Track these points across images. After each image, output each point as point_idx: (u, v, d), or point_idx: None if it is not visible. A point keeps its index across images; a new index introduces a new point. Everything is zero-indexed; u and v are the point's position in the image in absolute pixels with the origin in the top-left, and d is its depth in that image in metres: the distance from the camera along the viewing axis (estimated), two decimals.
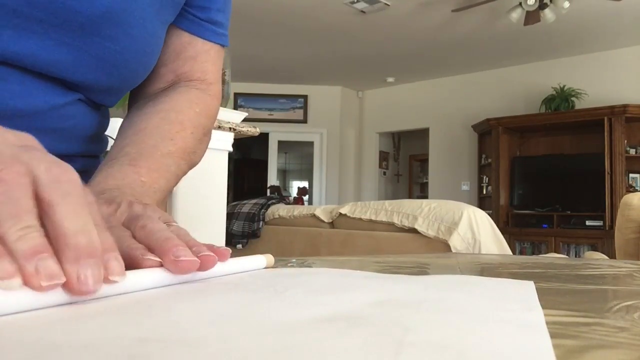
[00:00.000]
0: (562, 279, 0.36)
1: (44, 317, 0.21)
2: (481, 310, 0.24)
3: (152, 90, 0.60)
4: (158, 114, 0.55)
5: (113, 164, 0.48)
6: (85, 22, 0.44)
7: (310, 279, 0.33)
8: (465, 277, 0.38)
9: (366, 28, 5.44)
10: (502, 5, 4.64)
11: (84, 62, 0.47)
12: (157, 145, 0.52)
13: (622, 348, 0.17)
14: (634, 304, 0.25)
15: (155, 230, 0.33)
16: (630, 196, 2.32)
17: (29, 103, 0.46)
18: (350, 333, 0.19)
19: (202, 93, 0.60)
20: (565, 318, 0.22)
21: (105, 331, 0.19)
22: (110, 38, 0.47)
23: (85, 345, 0.17)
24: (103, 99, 0.55)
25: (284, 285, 0.30)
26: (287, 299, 0.26)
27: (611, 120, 5.49)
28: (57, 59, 0.45)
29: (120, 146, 0.51)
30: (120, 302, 0.24)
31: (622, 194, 4.67)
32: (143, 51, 0.52)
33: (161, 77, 0.60)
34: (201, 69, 0.61)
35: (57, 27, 0.43)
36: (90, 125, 0.55)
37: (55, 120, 0.49)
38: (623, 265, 0.45)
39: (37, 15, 0.42)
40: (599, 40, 5.64)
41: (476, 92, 6.87)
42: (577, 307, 0.25)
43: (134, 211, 0.36)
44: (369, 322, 0.21)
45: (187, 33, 0.59)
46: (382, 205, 2.81)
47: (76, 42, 0.45)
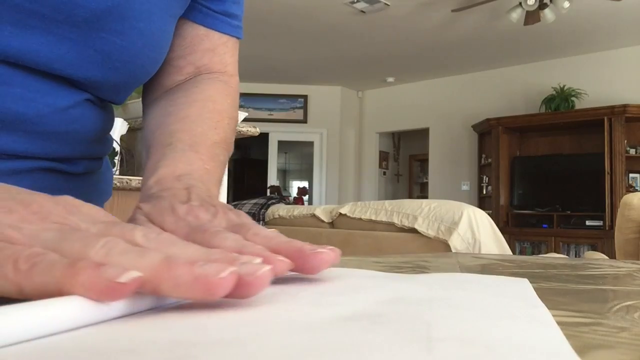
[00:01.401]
0: (562, 279, 0.36)
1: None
2: (489, 307, 0.24)
3: (170, 82, 0.59)
4: (196, 103, 0.54)
5: (173, 148, 0.47)
6: (89, 16, 0.43)
7: (314, 280, 0.33)
8: (463, 275, 0.38)
9: (366, 28, 5.44)
10: (502, 5, 4.64)
11: (89, 57, 0.45)
12: (206, 133, 0.51)
13: (622, 348, 0.17)
14: (634, 304, 0.25)
15: (272, 236, 0.32)
16: (630, 196, 2.32)
17: (32, 107, 0.44)
18: (376, 330, 0.19)
19: (226, 85, 0.60)
20: (565, 318, 0.22)
21: (142, 335, 0.19)
22: (116, 32, 0.45)
23: (129, 350, 0.17)
24: (111, 96, 0.53)
25: (295, 287, 0.30)
26: (302, 299, 0.26)
27: (611, 120, 5.49)
28: (60, 55, 0.43)
29: (167, 132, 0.50)
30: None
31: (622, 194, 4.67)
32: (151, 45, 0.50)
33: (180, 69, 0.59)
34: (220, 61, 0.60)
35: (60, 22, 0.42)
36: (95, 127, 0.53)
37: (60, 123, 0.47)
38: (623, 265, 0.45)
39: (39, 10, 0.40)
40: (599, 40, 5.65)
41: (476, 92, 6.87)
42: (577, 307, 0.25)
43: (233, 220, 0.35)
44: (389, 319, 0.21)
45: (202, 26, 0.58)
46: (382, 205, 2.81)
47: (80, 37, 0.43)
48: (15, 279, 0.21)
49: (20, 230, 0.24)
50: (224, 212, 0.36)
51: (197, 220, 0.34)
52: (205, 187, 0.42)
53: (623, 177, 5.44)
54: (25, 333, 0.17)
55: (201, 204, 0.37)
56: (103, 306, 0.20)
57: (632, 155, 5.53)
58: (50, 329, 0.18)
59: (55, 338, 0.18)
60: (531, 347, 0.16)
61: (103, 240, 0.23)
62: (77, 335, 0.18)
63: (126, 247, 0.23)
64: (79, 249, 0.22)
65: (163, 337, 0.18)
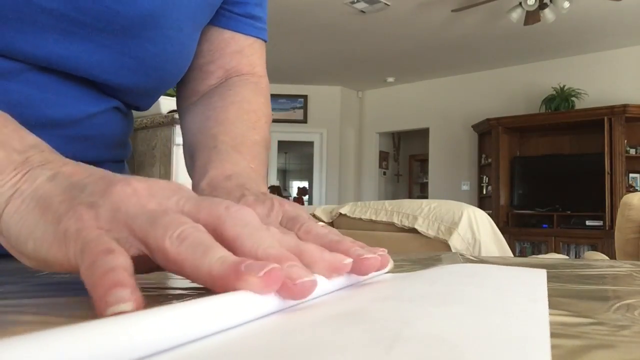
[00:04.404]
0: (562, 279, 0.36)
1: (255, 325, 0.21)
2: (484, 302, 0.24)
3: (203, 87, 0.61)
4: (232, 106, 0.56)
5: (218, 151, 0.48)
6: (127, 24, 0.45)
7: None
8: (476, 267, 0.38)
9: (366, 28, 5.44)
10: (502, 5, 4.64)
11: (124, 64, 0.48)
12: (245, 134, 0.53)
13: (623, 347, 0.17)
14: (634, 303, 0.25)
15: (323, 234, 0.32)
16: (630, 196, 2.32)
17: (65, 112, 0.47)
18: (346, 330, 0.19)
19: (257, 86, 0.61)
20: (565, 318, 0.22)
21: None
22: (149, 40, 0.48)
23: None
24: (140, 101, 0.56)
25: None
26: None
27: (611, 120, 5.49)
28: (98, 61, 0.46)
29: (209, 135, 0.52)
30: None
31: (622, 194, 4.67)
32: (179, 53, 0.53)
33: (211, 74, 0.61)
34: (249, 63, 0.62)
35: (100, 30, 0.44)
36: (119, 132, 0.56)
37: (88, 128, 0.50)
38: (623, 265, 0.45)
39: (82, 19, 0.43)
40: (599, 40, 5.65)
41: (476, 92, 6.87)
42: (577, 307, 0.25)
43: (288, 212, 0.36)
44: (369, 318, 0.21)
45: (227, 30, 0.60)
46: (382, 205, 2.81)
47: (117, 44, 0.46)
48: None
49: (126, 212, 0.25)
50: (280, 204, 0.36)
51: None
52: (254, 184, 0.43)
53: (623, 177, 5.44)
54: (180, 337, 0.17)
55: (256, 199, 0.37)
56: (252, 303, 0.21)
57: (632, 155, 5.53)
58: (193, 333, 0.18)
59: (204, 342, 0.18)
60: (503, 348, 0.16)
61: (181, 228, 0.24)
62: (231, 337, 0.18)
63: (198, 240, 0.23)
64: (161, 235, 0.24)
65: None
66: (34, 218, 0.25)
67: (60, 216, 0.25)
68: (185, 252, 0.23)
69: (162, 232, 0.24)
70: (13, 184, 0.27)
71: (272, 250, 0.24)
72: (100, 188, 0.25)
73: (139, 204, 0.25)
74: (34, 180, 0.27)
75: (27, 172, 0.27)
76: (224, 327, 0.19)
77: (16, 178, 0.27)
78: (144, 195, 0.26)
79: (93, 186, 0.26)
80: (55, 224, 0.25)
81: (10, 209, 0.26)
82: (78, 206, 0.25)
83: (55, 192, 0.26)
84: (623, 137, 5.46)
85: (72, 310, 0.26)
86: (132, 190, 0.25)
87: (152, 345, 0.16)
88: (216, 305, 0.19)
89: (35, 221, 0.25)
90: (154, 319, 0.16)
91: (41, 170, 0.27)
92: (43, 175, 0.27)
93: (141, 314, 0.17)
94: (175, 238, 0.23)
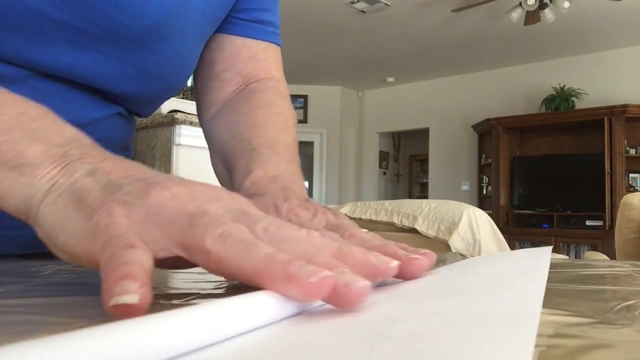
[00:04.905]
0: (562, 279, 0.36)
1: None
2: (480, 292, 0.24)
3: (223, 96, 0.61)
4: (260, 110, 0.57)
5: (258, 152, 0.49)
6: (132, 35, 0.46)
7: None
8: (479, 257, 0.38)
9: (366, 28, 5.44)
10: (502, 5, 4.64)
11: (128, 73, 0.49)
12: (278, 136, 0.53)
13: (623, 348, 0.17)
14: (635, 304, 0.25)
15: (367, 239, 0.32)
16: (630, 196, 2.32)
17: (71, 118, 0.49)
18: (335, 329, 0.19)
19: (277, 89, 0.62)
20: (565, 318, 0.22)
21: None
22: (154, 51, 0.49)
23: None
24: (142, 109, 0.58)
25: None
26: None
27: (611, 120, 5.49)
28: (104, 71, 0.47)
29: (244, 139, 0.53)
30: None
31: (622, 194, 4.67)
32: (182, 63, 0.54)
33: (228, 81, 0.61)
34: (264, 67, 0.62)
35: (107, 41, 0.46)
36: (122, 136, 0.57)
37: (92, 133, 0.52)
38: (623, 265, 0.45)
39: (91, 30, 0.44)
40: (599, 40, 5.65)
41: (476, 92, 6.87)
42: (577, 307, 0.25)
43: (331, 219, 0.36)
44: (360, 317, 0.21)
45: (237, 37, 0.61)
46: (382, 205, 2.81)
47: (122, 54, 0.47)
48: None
49: (162, 214, 0.25)
50: (323, 212, 0.37)
51: (298, 218, 0.36)
52: (298, 188, 0.44)
53: (623, 177, 5.44)
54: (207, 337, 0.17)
55: (300, 203, 0.38)
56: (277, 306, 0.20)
57: (632, 155, 5.53)
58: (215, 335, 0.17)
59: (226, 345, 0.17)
60: (485, 345, 0.16)
61: (222, 227, 0.23)
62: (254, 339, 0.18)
63: (240, 238, 0.23)
64: (201, 234, 0.23)
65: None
66: (68, 211, 0.25)
67: (92, 211, 0.25)
68: (228, 250, 0.22)
69: (202, 231, 0.23)
70: (51, 177, 0.27)
71: (319, 259, 0.23)
72: (137, 189, 0.25)
73: (176, 207, 0.25)
74: (71, 174, 0.27)
75: (66, 166, 0.27)
76: (234, 332, 0.18)
77: (54, 171, 0.27)
78: (183, 199, 0.25)
79: (130, 187, 0.26)
80: (87, 219, 0.25)
81: (47, 201, 0.26)
82: (111, 203, 0.25)
83: (91, 187, 0.26)
84: (623, 137, 5.46)
85: (72, 310, 0.26)
86: (170, 194, 0.25)
87: (170, 349, 0.15)
88: (226, 309, 0.18)
89: (68, 214, 0.25)
90: (171, 323, 0.16)
91: (80, 164, 0.27)
92: (81, 170, 0.27)
93: (161, 316, 0.16)
94: (217, 237, 0.23)
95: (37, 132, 0.28)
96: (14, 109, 0.29)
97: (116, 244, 0.22)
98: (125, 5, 0.45)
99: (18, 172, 0.27)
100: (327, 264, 0.23)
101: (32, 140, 0.28)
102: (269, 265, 0.21)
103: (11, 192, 0.27)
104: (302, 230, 0.27)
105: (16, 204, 0.27)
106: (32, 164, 0.27)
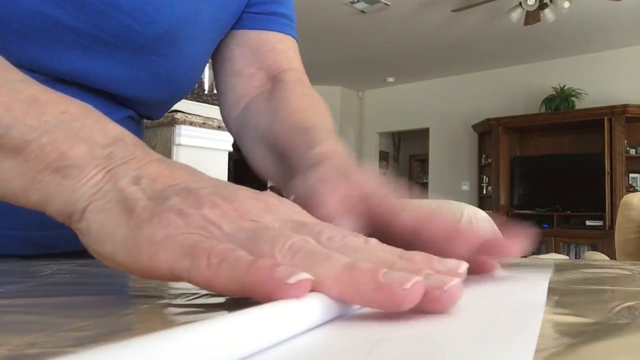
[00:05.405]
0: (563, 279, 0.36)
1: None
2: (481, 306, 0.24)
3: (249, 90, 0.61)
4: (297, 97, 0.57)
5: (316, 131, 0.48)
6: (144, 42, 0.48)
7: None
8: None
9: (366, 28, 5.44)
10: (502, 5, 4.64)
11: (140, 79, 0.50)
12: (321, 122, 0.53)
13: (623, 348, 0.17)
14: (635, 304, 0.25)
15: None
16: (630, 196, 2.32)
17: None
18: (338, 334, 0.19)
19: (302, 81, 0.61)
20: (565, 318, 0.22)
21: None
22: (165, 56, 0.50)
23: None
24: (152, 112, 0.59)
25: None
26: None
27: (611, 120, 5.50)
28: (116, 76, 0.49)
29: (292, 121, 0.52)
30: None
31: (622, 194, 4.67)
32: (192, 67, 0.55)
33: (252, 76, 0.61)
34: (286, 58, 0.62)
35: (119, 47, 0.47)
36: None
37: None
38: (623, 266, 0.45)
39: (104, 37, 0.46)
40: (599, 40, 5.65)
41: (476, 92, 6.87)
42: (577, 307, 0.25)
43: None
44: (360, 322, 0.21)
45: (251, 31, 0.61)
46: None
47: (134, 60, 0.49)
48: (206, 271, 0.21)
49: (220, 227, 0.24)
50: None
51: (369, 183, 0.36)
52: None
53: (623, 177, 5.44)
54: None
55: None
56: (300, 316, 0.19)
57: (632, 155, 5.53)
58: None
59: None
60: (486, 346, 0.16)
61: (291, 241, 0.22)
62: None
63: (312, 250, 0.22)
64: (268, 250, 0.22)
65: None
66: (115, 221, 0.25)
67: (142, 221, 0.24)
68: (302, 263, 0.21)
69: (269, 246, 0.22)
70: (95, 183, 0.26)
71: (400, 265, 0.22)
72: (186, 200, 0.25)
73: (232, 222, 0.24)
74: (116, 181, 0.26)
75: (110, 171, 0.26)
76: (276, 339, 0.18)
77: (98, 177, 0.26)
78: (235, 216, 0.25)
79: (178, 198, 0.25)
80: (137, 229, 0.24)
81: (92, 208, 0.26)
82: (163, 213, 0.24)
83: (138, 196, 0.25)
84: (623, 137, 5.46)
85: (72, 310, 0.26)
86: (220, 212, 0.24)
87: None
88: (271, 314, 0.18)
89: (116, 224, 0.25)
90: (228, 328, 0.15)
91: (124, 170, 0.27)
92: (127, 177, 0.26)
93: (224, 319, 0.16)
94: (286, 251, 0.22)
95: (80, 131, 0.28)
96: (57, 108, 0.29)
97: (213, 249, 0.22)
98: (137, 13, 0.46)
99: (61, 174, 0.27)
100: (410, 269, 0.22)
101: (75, 141, 0.27)
102: (353, 274, 0.20)
103: (55, 195, 0.27)
104: (360, 236, 0.26)
105: (59, 208, 0.27)
106: (76, 166, 0.26)
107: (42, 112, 0.28)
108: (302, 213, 0.28)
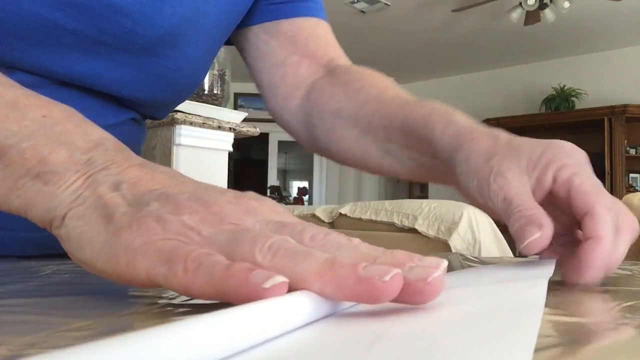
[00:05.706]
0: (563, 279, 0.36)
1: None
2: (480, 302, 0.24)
3: (300, 78, 0.60)
4: (373, 76, 0.57)
5: (423, 104, 0.48)
6: (145, 44, 0.47)
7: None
8: (481, 269, 0.38)
9: (366, 28, 5.44)
10: (502, 5, 4.64)
11: (142, 80, 0.50)
12: (417, 98, 0.52)
13: (623, 348, 0.17)
14: (636, 304, 0.25)
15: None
16: (631, 196, 2.32)
17: None
18: (335, 331, 0.19)
19: (351, 65, 0.61)
20: (565, 318, 0.22)
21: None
22: (167, 58, 0.50)
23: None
24: (156, 113, 0.59)
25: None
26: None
27: (611, 120, 5.49)
28: (118, 78, 0.48)
29: (387, 98, 0.52)
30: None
31: (622, 194, 4.67)
32: (195, 68, 0.55)
33: (298, 64, 0.60)
34: (326, 43, 0.62)
35: (120, 49, 0.47)
36: (135, 141, 0.57)
37: None
38: (623, 266, 0.45)
39: (105, 39, 0.45)
40: (599, 40, 5.64)
41: (476, 92, 6.87)
42: (577, 308, 0.25)
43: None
44: (359, 320, 0.21)
45: (283, 20, 0.60)
46: (382, 205, 2.81)
47: (136, 62, 0.48)
48: (183, 277, 0.21)
49: (199, 232, 0.24)
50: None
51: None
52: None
53: (623, 177, 5.44)
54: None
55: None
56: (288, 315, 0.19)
57: (632, 155, 5.53)
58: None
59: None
60: (485, 344, 0.16)
61: (270, 241, 0.22)
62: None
63: (292, 248, 0.22)
64: (248, 251, 0.22)
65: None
66: (94, 227, 0.25)
67: (121, 228, 0.24)
68: (282, 262, 0.21)
69: (249, 247, 0.22)
70: (75, 190, 0.26)
71: (383, 260, 0.23)
72: (165, 207, 0.25)
73: (211, 226, 0.24)
74: (96, 187, 0.26)
75: (90, 177, 0.26)
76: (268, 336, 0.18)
77: (78, 183, 0.26)
78: (214, 220, 0.24)
79: (157, 204, 0.25)
80: (116, 236, 0.24)
81: (72, 214, 0.26)
82: (143, 219, 0.24)
83: (118, 202, 0.25)
84: (623, 137, 5.46)
85: (72, 310, 0.26)
86: (199, 217, 0.24)
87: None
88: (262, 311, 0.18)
89: (95, 231, 0.25)
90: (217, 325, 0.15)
91: (105, 176, 0.26)
92: (106, 183, 0.26)
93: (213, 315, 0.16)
94: (267, 250, 0.22)
95: (61, 136, 0.28)
96: (38, 112, 0.28)
97: (189, 255, 0.22)
98: (138, 15, 0.45)
99: (42, 180, 0.27)
100: (392, 263, 0.22)
101: (55, 146, 0.27)
102: (333, 269, 0.20)
103: (35, 201, 0.27)
104: (343, 235, 0.26)
105: (40, 214, 0.27)
106: (56, 172, 0.26)
107: (23, 116, 0.28)
108: (284, 213, 0.28)
